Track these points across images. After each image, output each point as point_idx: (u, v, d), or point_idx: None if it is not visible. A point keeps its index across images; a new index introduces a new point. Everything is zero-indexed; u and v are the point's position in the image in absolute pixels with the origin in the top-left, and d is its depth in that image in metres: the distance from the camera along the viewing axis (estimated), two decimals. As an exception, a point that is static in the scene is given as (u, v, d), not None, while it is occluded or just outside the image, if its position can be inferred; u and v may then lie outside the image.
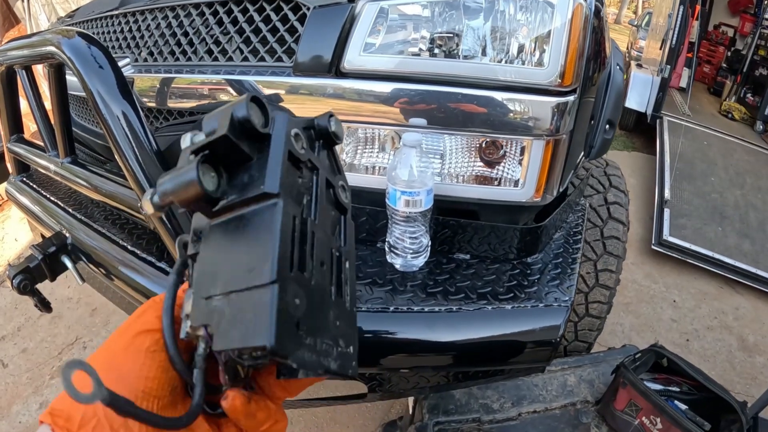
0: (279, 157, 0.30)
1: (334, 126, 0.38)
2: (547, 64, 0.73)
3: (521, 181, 0.78)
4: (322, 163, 0.37)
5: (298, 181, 0.33)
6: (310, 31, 0.77)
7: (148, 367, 0.29)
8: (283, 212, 0.29)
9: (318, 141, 0.38)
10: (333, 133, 0.38)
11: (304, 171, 0.34)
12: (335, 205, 0.38)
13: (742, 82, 5.43)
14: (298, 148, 0.32)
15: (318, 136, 0.38)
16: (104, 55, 0.84)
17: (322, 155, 0.38)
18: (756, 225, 2.93)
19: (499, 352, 0.76)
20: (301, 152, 0.33)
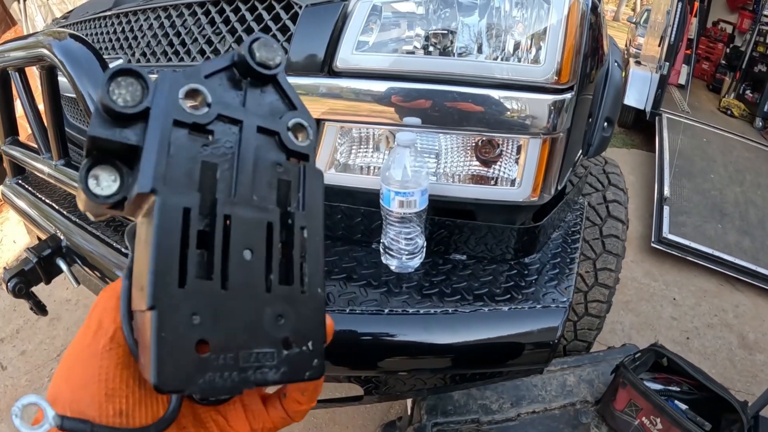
0: (154, 141, 0.24)
1: (259, 53, 0.28)
2: (543, 62, 0.72)
3: (518, 180, 0.78)
4: (253, 108, 0.29)
5: (201, 151, 0.26)
6: (302, 30, 0.76)
7: (106, 368, 0.27)
8: (161, 213, 0.23)
9: (245, 79, 0.29)
10: (259, 63, 0.28)
11: (218, 131, 0.27)
12: (287, 154, 0.29)
13: (741, 79, 5.41)
14: (191, 110, 0.26)
15: (243, 74, 0.29)
16: (95, 56, 0.84)
17: (252, 97, 0.29)
18: (756, 222, 2.92)
19: (497, 354, 0.75)
20: (199, 113, 0.26)
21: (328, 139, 0.79)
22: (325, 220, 0.88)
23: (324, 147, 0.79)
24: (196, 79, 0.27)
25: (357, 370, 0.79)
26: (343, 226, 0.84)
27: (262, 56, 0.28)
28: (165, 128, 0.25)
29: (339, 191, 0.82)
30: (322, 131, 0.79)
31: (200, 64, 0.28)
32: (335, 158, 0.81)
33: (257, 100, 0.29)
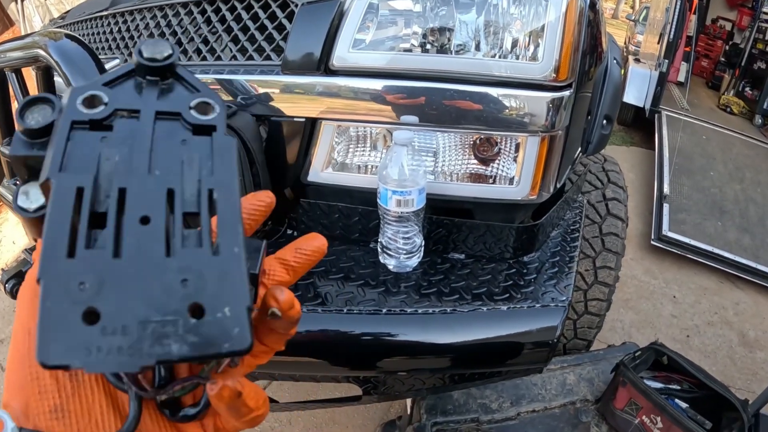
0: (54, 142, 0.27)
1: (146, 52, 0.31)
2: (541, 59, 0.71)
3: (516, 178, 0.77)
4: (154, 100, 0.31)
5: (99, 143, 0.28)
6: (298, 29, 0.76)
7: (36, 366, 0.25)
8: (54, 194, 0.25)
9: (144, 79, 0.32)
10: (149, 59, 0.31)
11: (117, 124, 0.29)
12: (193, 131, 0.31)
13: (741, 76, 5.40)
14: (87, 110, 0.28)
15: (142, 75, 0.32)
16: (90, 57, 0.83)
17: (153, 92, 0.31)
18: (756, 219, 2.92)
19: (496, 353, 0.75)
20: (94, 111, 0.28)
21: (325, 138, 0.78)
22: (323, 220, 0.88)
23: (321, 146, 0.79)
24: (94, 87, 0.29)
25: (355, 371, 0.79)
26: (340, 226, 0.83)
27: (150, 53, 0.30)
28: (62, 130, 0.27)
29: (336, 190, 0.82)
30: (319, 130, 0.78)
31: (101, 76, 0.30)
32: (332, 157, 0.81)
33: (160, 95, 0.31)
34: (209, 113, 0.30)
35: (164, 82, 0.31)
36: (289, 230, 0.89)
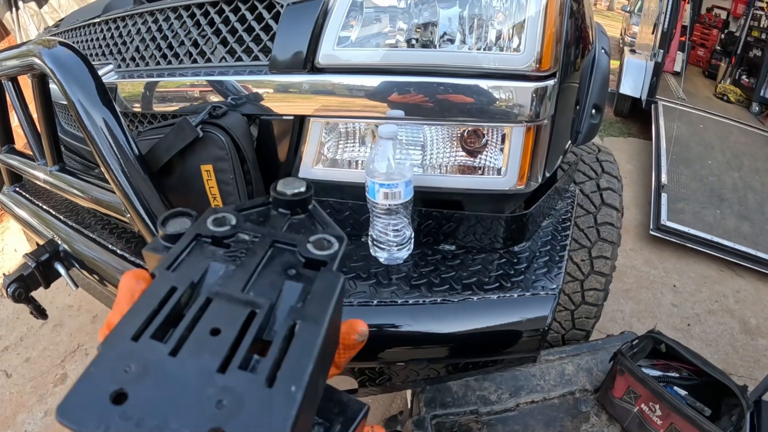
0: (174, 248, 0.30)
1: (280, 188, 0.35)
2: (523, 49, 0.72)
3: (503, 169, 0.78)
4: (278, 229, 0.33)
5: (213, 256, 0.30)
6: (284, 28, 0.77)
7: None
8: (151, 286, 0.27)
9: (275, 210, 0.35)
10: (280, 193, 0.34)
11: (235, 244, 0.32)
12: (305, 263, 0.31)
13: (737, 64, 5.39)
14: (213, 228, 0.32)
15: (275, 207, 0.35)
16: (84, 63, 0.84)
17: (279, 221, 0.34)
18: (755, 207, 2.91)
19: (487, 342, 0.76)
20: (219, 230, 0.32)
21: (314, 134, 0.79)
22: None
23: (310, 143, 0.80)
24: (228, 210, 0.33)
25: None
26: (332, 221, 0.85)
27: (282, 189, 0.34)
28: (186, 237, 0.31)
29: (327, 186, 0.83)
30: (308, 127, 0.80)
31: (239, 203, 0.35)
32: (322, 153, 0.82)
33: (286, 226, 0.34)
34: (326, 249, 0.31)
35: (295, 216, 0.34)
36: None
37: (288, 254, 0.31)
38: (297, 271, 0.30)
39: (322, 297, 0.28)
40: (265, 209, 0.35)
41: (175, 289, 0.27)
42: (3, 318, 2.25)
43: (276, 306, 0.28)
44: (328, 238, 0.32)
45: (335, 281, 0.29)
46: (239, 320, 0.26)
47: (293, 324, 0.26)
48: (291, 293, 0.28)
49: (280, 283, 0.29)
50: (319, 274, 0.29)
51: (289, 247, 0.31)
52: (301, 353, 0.25)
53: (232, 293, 0.27)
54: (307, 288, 0.29)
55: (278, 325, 0.27)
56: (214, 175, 0.79)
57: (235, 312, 0.26)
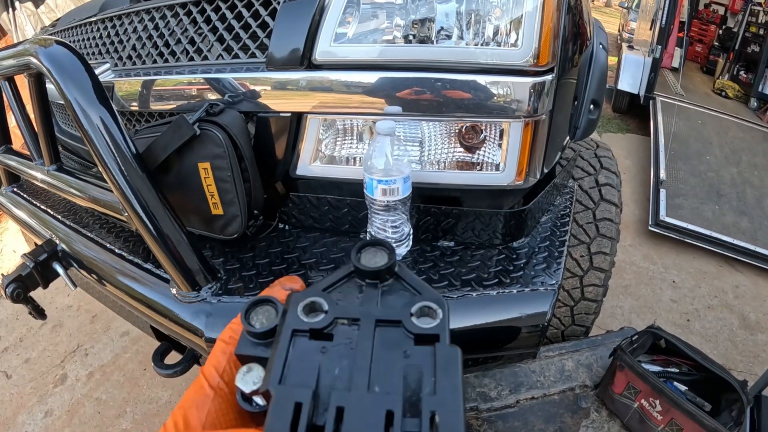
0: (277, 350, 0.29)
1: (364, 260, 0.33)
2: (521, 44, 0.72)
3: (501, 164, 0.78)
4: (374, 304, 0.32)
5: (320, 353, 0.29)
6: (281, 25, 0.77)
7: None
8: (272, 408, 0.26)
9: (364, 282, 0.33)
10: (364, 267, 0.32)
11: (338, 332, 0.30)
12: (415, 340, 0.29)
13: (735, 60, 5.39)
14: (308, 319, 0.30)
15: (361, 278, 0.33)
16: (80, 62, 0.84)
17: (373, 295, 0.32)
18: (753, 202, 2.92)
19: (486, 338, 0.75)
20: (315, 320, 0.30)
21: (311, 131, 0.79)
22: (313, 213, 0.89)
23: (307, 140, 0.80)
24: (315, 293, 0.31)
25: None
26: (330, 218, 0.84)
27: (367, 262, 0.32)
28: (284, 340, 0.29)
29: (325, 183, 0.83)
30: (305, 124, 0.79)
31: (322, 280, 0.32)
32: (320, 150, 0.82)
33: (380, 297, 0.32)
34: (431, 319, 0.29)
35: (384, 284, 0.32)
36: (280, 224, 0.90)
37: (395, 332, 0.29)
38: (410, 352, 0.28)
39: (449, 378, 0.27)
40: (350, 282, 0.33)
41: (300, 405, 0.25)
42: (2, 319, 2.25)
43: (405, 396, 0.26)
44: (430, 305, 0.30)
45: (454, 357, 0.28)
46: (380, 425, 0.25)
47: (432, 414, 0.25)
48: (414, 377, 0.27)
49: (400, 368, 0.27)
50: (437, 350, 0.28)
51: (393, 325, 0.30)
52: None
53: (360, 395, 0.26)
54: (429, 368, 0.27)
55: (417, 419, 0.25)
56: (212, 172, 0.79)
57: (372, 417, 0.25)
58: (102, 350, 2.03)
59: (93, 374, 1.91)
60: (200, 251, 0.78)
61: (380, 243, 0.34)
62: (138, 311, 0.95)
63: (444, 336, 0.29)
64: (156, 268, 0.91)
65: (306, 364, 0.28)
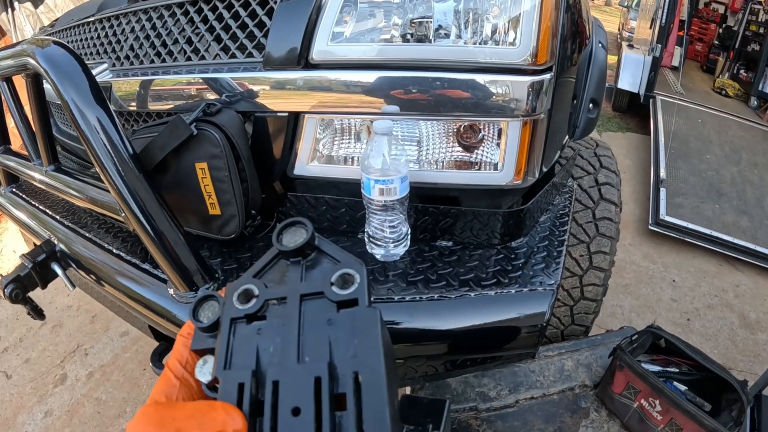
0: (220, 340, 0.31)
1: (285, 240, 0.35)
2: (519, 43, 0.72)
3: (500, 164, 0.78)
4: (300, 280, 0.34)
5: (257, 335, 0.31)
6: (277, 25, 0.76)
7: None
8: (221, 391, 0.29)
9: (288, 261, 0.35)
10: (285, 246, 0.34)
11: (270, 313, 0.32)
12: (337, 307, 0.32)
13: (735, 59, 5.38)
14: (242, 307, 0.32)
15: (286, 258, 0.35)
16: (77, 62, 0.84)
17: (297, 272, 0.35)
18: (753, 201, 2.91)
19: (485, 338, 0.75)
20: (248, 306, 0.32)
21: (309, 131, 0.79)
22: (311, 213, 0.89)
23: (305, 139, 0.80)
24: (246, 281, 0.33)
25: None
26: (328, 218, 0.84)
27: (288, 241, 0.34)
28: (225, 329, 0.32)
29: (323, 183, 0.83)
30: (303, 124, 0.79)
31: (252, 266, 0.35)
32: (317, 150, 0.81)
33: (305, 272, 0.34)
34: (350, 285, 0.32)
35: (307, 259, 0.35)
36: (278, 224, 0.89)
37: (319, 303, 0.32)
38: (333, 320, 0.31)
39: (368, 339, 0.29)
40: (276, 263, 0.35)
41: (243, 386, 0.28)
42: (2, 319, 2.25)
43: (333, 361, 0.29)
44: (348, 272, 0.32)
45: (372, 318, 0.30)
46: (310, 393, 0.27)
47: (355, 374, 0.28)
48: (339, 342, 0.29)
49: (325, 336, 0.30)
50: (356, 314, 0.30)
51: (317, 296, 0.32)
52: (374, 401, 0.27)
53: (292, 368, 0.29)
54: (351, 330, 0.30)
55: (343, 378, 0.28)
56: (209, 172, 0.78)
57: (302, 386, 0.28)
58: (102, 350, 2.03)
59: (93, 374, 1.91)
60: (198, 251, 0.78)
61: (298, 222, 0.36)
62: (136, 311, 0.95)
63: (362, 299, 0.31)
64: (154, 269, 0.90)
65: (246, 347, 0.31)
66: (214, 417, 0.27)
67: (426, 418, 0.35)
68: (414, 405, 0.36)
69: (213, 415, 0.27)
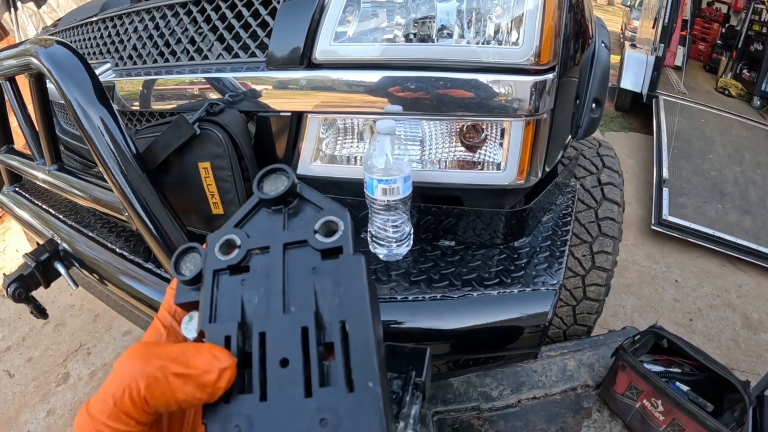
0: (204, 293, 0.30)
1: (267, 187, 0.33)
2: (522, 43, 0.72)
3: (503, 163, 0.78)
4: (282, 229, 0.33)
5: (240, 286, 0.31)
6: (280, 24, 0.76)
7: None
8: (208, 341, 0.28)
9: (269, 210, 0.34)
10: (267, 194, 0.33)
11: (253, 263, 0.31)
12: (321, 255, 0.31)
13: (738, 58, 5.36)
14: (225, 257, 0.31)
15: (267, 206, 0.34)
16: (81, 62, 0.84)
17: (279, 220, 0.33)
18: (756, 201, 2.90)
19: (487, 338, 0.75)
20: (231, 257, 0.31)
21: (312, 131, 0.79)
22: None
23: (308, 139, 0.80)
24: (227, 231, 0.32)
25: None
26: (331, 218, 0.84)
27: (269, 189, 0.33)
28: (208, 281, 0.31)
29: (326, 182, 0.83)
30: (306, 124, 0.79)
31: (231, 217, 0.33)
32: (320, 150, 0.81)
33: (287, 221, 0.33)
34: (334, 233, 0.30)
35: (289, 207, 0.33)
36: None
37: (303, 251, 0.31)
38: (318, 268, 0.30)
39: (354, 287, 0.28)
40: (258, 211, 0.34)
41: (229, 338, 0.28)
42: (5, 318, 2.26)
43: (319, 311, 0.28)
44: (332, 219, 0.31)
45: (357, 265, 0.29)
46: (297, 343, 0.27)
47: (342, 323, 0.27)
48: (325, 291, 0.29)
49: (310, 285, 0.29)
50: (341, 262, 0.30)
51: (300, 245, 0.31)
52: (362, 349, 0.26)
53: (277, 319, 0.28)
54: (336, 279, 0.29)
55: (330, 327, 0.28)
56: (212, 172, 0.78)
57: (289, 336, 0.27)
58: (104, 349, 2.04)
59: (95, 373, 1.92)
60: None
61: (279, 168, 0.34)
62: (139, 310, 0.95)
63: (347, 247, 0.30)
64: (157, 268, 0.91)
65: (230, 299, 0.30)
66: (201, 357, 0.26)
67: (408, 366, 0.35)
68: (396, 354, 0.36)
69: (199, 355, 0.26)
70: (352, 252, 0.30)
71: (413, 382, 0.34)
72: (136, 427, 0.25)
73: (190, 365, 0.26)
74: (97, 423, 0.24)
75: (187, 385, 0.25)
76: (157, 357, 0.26)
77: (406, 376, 0.34)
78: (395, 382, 0.34)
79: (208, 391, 0.26)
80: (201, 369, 0.26)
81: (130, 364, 0.26)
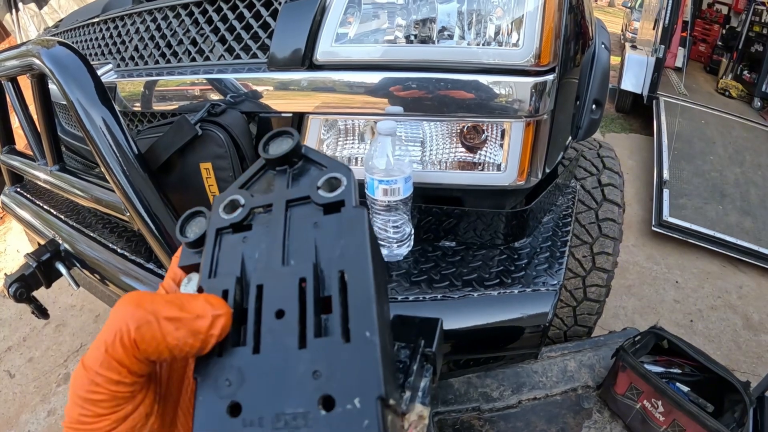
0: (206, 250, 0.30)
1: (272, 149, 0.34)
2: (522, 44, 0.72)
3: (503, 164, 0.78)
4: (287, 188, 0.33)
5: (242, 243, 0.31)
6: (282, 26, 0.77)
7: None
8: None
9: (274, 171, 0.34)
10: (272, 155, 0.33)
11: (256, 222, 0.31)
12: (324, 210, 0.31)
13: (738, 60, 5.36)
14: (227, 216, 0.31)
15: (273, 168, 0.34)
16: (83, 63, 0.84)
17: (284, 180, 0.33)
18: (757, 202, 2.90)
19: (488, 338, 0.75)
20: (233, 215, 0.31)
21: (313, 131, 0.79)
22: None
23: (309, 140, 0.80)
24: (232, 192, 0.32)
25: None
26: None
27: (274, 151, 0.33)
28: (210, 239, 0.31)
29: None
30: (307, 124, 0.79)
31: (237, 179, 0.34)
32: (321, 150, 0.82)
33: (291, 180, 0.33)
34: (337, 188, 0.30)
35: (293, 167, 0.33)
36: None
37: (305, 208, 0.31)
38: (320, 223, 0.30)
39: (355, 237, 0.28)
40: (263, 173, 0.34)
41: (227, 291, 0.28)
42: (6, 318, 2.26)
43: (318, 263, 0.28)
44: (335, 176, 0.31)
45: (360, 217, 0.29)
46: (294, 294, 0.27)
47: (341, 273, 0.27)
48: (325, 244, 0.28)
49: (311, 239, 0.29)
50: (342, 215, 0.29)
51: (303, 201, 0.31)
52: (360, 298, 0.26)
53: (276, 271, 0.28)
54: (338, 232, 0.29)
55: (329, 280, 0.27)
56: (214, 173, 0.79)
57: (287, 288, 0.27)
58: (105, 350, 2.04)
59: (96, 374, 1.92)
60: (202, 251, 0.78)
61: (284, 131, 0.34)
62: (140, 311, 0.95)
63: (349, 200, 0.30)
64: (158, 268, 0.91)
65: (231, 256, 0.30)
66: (195, 302, 0.26)
67: (418, 336, 0.34)
68: (406, 324, 0.35)
69: (194, 301, 0.26)
70: (354, 205, 0.30)
71: (422, 353, 0.33)
72: (129, 377, 0.24)
73: (183, 309, 0.25)
74: (90, 373, 0.24)
75: (179, 330, 0.25)
76: (150, 301, 0.26)
77: (415, 345, 0.33)
78: (403, 351, 0.33)
79: (200, 338, 0.25)
80: (194, 313, 0.25)
81: (123, 308, 0.25)
